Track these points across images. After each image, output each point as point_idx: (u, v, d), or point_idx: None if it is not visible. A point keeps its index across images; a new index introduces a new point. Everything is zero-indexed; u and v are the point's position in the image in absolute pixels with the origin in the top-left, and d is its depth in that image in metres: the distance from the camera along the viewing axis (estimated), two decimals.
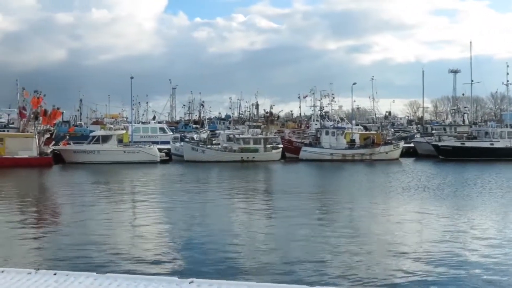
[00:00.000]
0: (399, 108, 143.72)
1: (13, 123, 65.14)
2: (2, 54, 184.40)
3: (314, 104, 76.72)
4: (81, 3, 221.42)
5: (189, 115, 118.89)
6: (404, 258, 15.36)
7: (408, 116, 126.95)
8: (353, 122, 79.11)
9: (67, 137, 58.64)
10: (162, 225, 21.11)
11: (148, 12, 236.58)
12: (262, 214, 23.56)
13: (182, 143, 58.51)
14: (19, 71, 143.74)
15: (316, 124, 73.92)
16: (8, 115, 77.29)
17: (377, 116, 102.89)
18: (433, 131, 78.03)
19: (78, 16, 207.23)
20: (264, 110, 79.15)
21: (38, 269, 9.19)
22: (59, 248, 16.76)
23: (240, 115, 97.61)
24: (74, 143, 56.39)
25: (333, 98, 71.04)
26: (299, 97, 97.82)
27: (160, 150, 55.67)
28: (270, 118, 66.43)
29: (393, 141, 62.03)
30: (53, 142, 53.50)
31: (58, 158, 52.29)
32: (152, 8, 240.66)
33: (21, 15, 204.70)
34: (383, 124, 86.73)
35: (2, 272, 9.40)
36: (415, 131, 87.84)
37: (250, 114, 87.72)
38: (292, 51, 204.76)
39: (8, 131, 57.64)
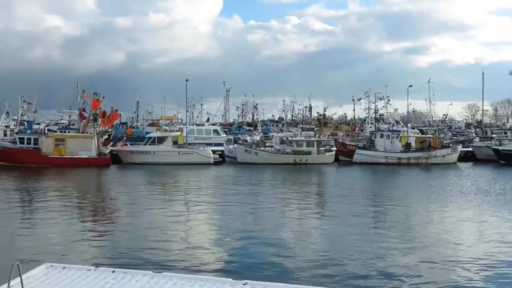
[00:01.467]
0: (457, 111, 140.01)
1: (73, 124, 67.32)
2: (64, 57, 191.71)
3: (368, 107, 75.75)
4: (140, 8, 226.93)
5: (242, 117, 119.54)
6: (463, 265, 14.91)
7: (466, 120, 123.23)
8: (409, 125, 77.54)
9: (125, 138, 60.07)
10: (216, 226, 21.31)
11: (204, 16, 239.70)
12: (315, 218, 23.42)
13: (235, 145, 58.88)
14: (80, 74, 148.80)
15: (370, 127, 72.88)
16: (69, 116, 79.92)
17: (433, 119, 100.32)
18: (493, 135, 75.36)
19: (136, 20, 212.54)
20: (318, 112, 78.82)
21: (97, 266, 9.42)
22: (117, 246, 17.22)
23: (293, 118, 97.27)
24: (131, 144, 57.74)
25: (388, 100, 69.88)
26: (353, 100, 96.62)
27: (213, 151, 56.20)
28: (323, 121, 66.10)
29: (451, 145, 60.37)
30: (111, 143, 54.96)
31: (115, 159, 53.66)
32: (207, 12, 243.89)
33: (83, 20, 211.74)
34: (440, 127, 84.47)
35: (64, 268, 9.70)
36: (473, 134, 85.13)
37: (303, 116, 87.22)
38: (346, 53, 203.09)
39: (69, 132, 59.57)
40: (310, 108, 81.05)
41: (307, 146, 56.20)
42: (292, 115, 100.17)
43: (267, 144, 60.07)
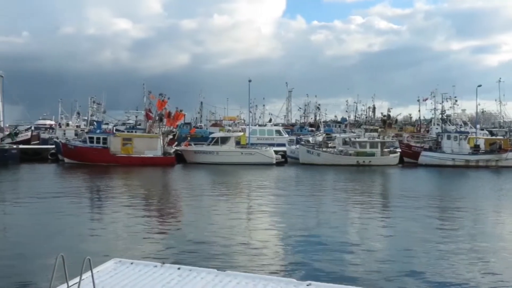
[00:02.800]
0: None
1: (139, 124, 69.15)
2: (131, 59, 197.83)
3: (434, 107, 73.83)
4: (204, 10, 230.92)
5: (304, 118, 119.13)
6: None
7: None
8: (478, 126, 74.83)
9: (189, 138, 61.18)
10: (278, 226, 21.34)
11: (267, 17, 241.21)
12: (379, 221, 23.01)
13: (297, 146, 58.80)
14: (146, 76, 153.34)
15: (436, 128, 70.94)
16: (136, 116, 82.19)
17: (504, 120, 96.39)
18: None
19: (201, 22, 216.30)
20: (382, 113, 77.05)
21: (164, 263, 9.64)
22: (182, 243, 17.57)
23: (356, 118, 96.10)
24: (194, 144, 58.77)
25: (456, 101, 67.79)
26: (418, 100, 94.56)
27: (276, 152, 56.35)
28: (387, 122, 64.62)
29: None
30: (176, 143, 56.15)
31: (180, 158, 54.78)
32: (270, 13, 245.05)
33: (149, 23, 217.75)
34: (511, 128, 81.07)
35: (132, 263, 10.00)
36: None
37: (366, 117, 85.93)
38: (412, 52, 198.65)
39: (135, 132, 61.31)
40: (374, 108, 79.55)
41: (370, 147, 55.36)
42: (355, 116, 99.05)
43: (329, 145, 59.59)
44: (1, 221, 21.86)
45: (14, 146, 55.69)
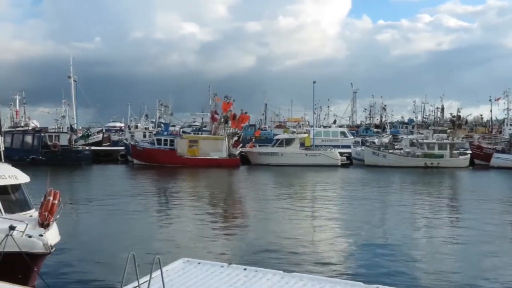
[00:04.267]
0: None
1: (205, 126, 70.23)
2: (198, 62, 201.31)
3: (507, 107, 70.51)
4: (270, 12, 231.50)
5: (370, 119, 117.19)
6: None
7: None
8: None
9: (253, 140, 61.59)
10: (343, 229, 21.12)
11: (332, 17, 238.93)
12: (448, 226, 22.33)
13: (363, 147, 57.99)
14: (212, 78, 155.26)
15: (510, 129, 67.86)
16: (202, 118, 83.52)
17: None
18: None
19: (266, 24, 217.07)
20: (451, 113, 74.84)
21: (230, 263, 9.75)
22: (247, 244, 17.74)
23: (424, 119, 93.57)
24: (259, 146, 59.09)
25: None
26: (490, 100, 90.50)
27: (341, 154, 55.83)
28: (457, 122, 62.75)
29: None
30: (241, 145, 56.66)
31: (244, 160, 55.24)
32: (336, 13, 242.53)
33: (216, 26, 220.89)
34: None
35: (199, 263, 10.19)
36: None
37: (435, 118, 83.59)
38: (483, 50, 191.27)
39: (201, 134, 62.35)
40: (443, 109, 77.39)
41: (439, 149, 53.84)
42: (423, 117, 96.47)
43: (396, 147, 58.44)
44: (74, 220, 22.78)
45: (87, 148, 58.01)
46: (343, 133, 72.50)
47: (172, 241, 18.63)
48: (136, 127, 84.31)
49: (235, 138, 55.83)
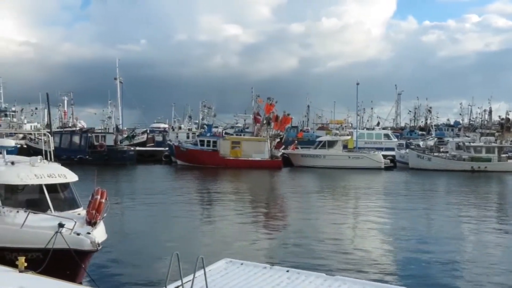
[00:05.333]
0: None
1: (248, 128, 70.54)
2: (241, 64, 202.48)
3: None
4: (313, 13, 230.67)
5: (414, 121, 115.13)
6: None
7: None
8: None
9: (296, 141, 61.44)
10: (387, 233, 20.84)
11: (377, 18, 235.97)
12: (495, 233, 21.59)
13: (407, 150, 57.07)
14: (255, 80, 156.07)
15: None
16: (244, 120, 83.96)
17: None
18: None
19: (309, 25, 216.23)
20: (499, 116, 72.76)
21: (273, 265, 9.77)
22: (290, 246, 17.72)
23: (471, 122, 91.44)
24: (301, 148, 58.91)
25: None
26: None
27: (384, 156, 55.09)
28: (506, 125, 60.89)
29: None
30: (283, 146, 56.62)
31: (287, 161, 55.16)
32: (380, 14, 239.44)
33: (259, 28, 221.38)
34: None
35: (242, 264, 10.26)
36: None
37: (482, 120, 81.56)
38: None
39: (244, 135, 62.61)
40: (490, 111, 75.41)
41: (486, 152, 52.44)
42: (470, 119, 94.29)
43: (441, 150, 57.23)
44: (119, 219, 23.24)
45: (132, 148, 59.16)
46: (386, 136, 71.57)
47: (214, 241, 18.80)
48: (180, 128, 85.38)
49: (278, 140, 55.80)
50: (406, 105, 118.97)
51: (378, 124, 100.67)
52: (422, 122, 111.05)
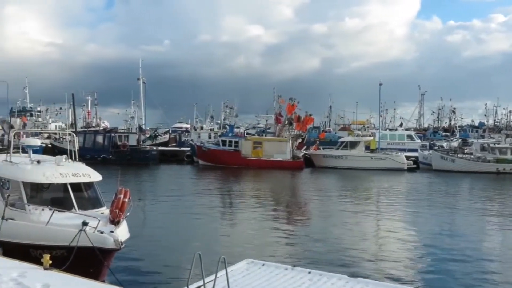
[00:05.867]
0: None
1: (269, 128, 70.49)
2: (263, 64, 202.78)
3: None
4: (336, 14, 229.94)
5: (438, 122, 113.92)
6: None
7: None
8: None
9: (317, 142, 61.25)
10: (408, 235, 20.65)
11: (400, 18, 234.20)
12: None
13: (430, 151, 56.44)
14: (277, 80, 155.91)
15: None
16: (266, 120, 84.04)
17: None
18: None
19: (332, 26, 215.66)
20: None
21: (294, 266, 9.77)
22: (311, 247, 17.66)
23: (496, 123, 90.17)
24: (323, 148, 58.69)
25: None
26: None
27: (407, 157, 54.55)
28: None
29: None
30: (305, 147, 56.47)
31: (308, 162, 54.99)
32: (404, 14, 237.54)
33: (281, 28, 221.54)
34: None
35: (263, 265, 10.28)
36: None
37: (507, 121, 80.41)
38: None
39: (265, 136, 62.60)
40: None
41: None
42: (495, 120, 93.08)
43: (465, 151, 56.46)
44: (141, 218, 23.42)
45: (154, 148, 59.59)
46: (409, 137, 70.88)
47: (235, 241, 18.84)
48: (202, 128, 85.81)
49: (299, 140, 55.68)
50: (430, 106, 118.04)
51: (401, 125, 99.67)
52: (446, 123, 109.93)
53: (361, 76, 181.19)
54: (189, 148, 62.29)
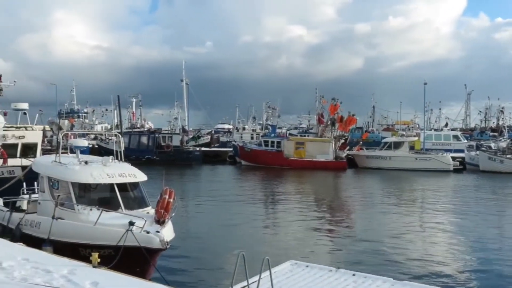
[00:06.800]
0: None
1: (311, 129, 70.31)
2: (305, 65, 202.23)
3: None
4: (379, 13, 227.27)
5: (485, 122, 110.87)
6: None
7: None
8: None
9: (361, 142, 60.64)
10: (454, 239, 20.17)
11: (446, 16, 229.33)
12: None
13: (477, 152, 54.98)
14: (319, 81, 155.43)
15: None
16: (308, 121, 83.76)
17: None
18: None
19: (375, 25, 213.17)
20: None
21: (339, 268, 9.70)
22: (354, 249, 17.51)
23: None
24: (366, 149, 58.07)
25: None
26: None
27: (453, 158, 53.35)
28: None
29: None
30: (348, 147, 55.98)
31: (351, 163, 54.51)
32: (450, 12, 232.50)
33: (323, 28, 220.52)
34: None
35: (307, 266, 10.26)
36: None
37: None
38: None
39: (308, 136, 62.40)
40: None
41: None
42: None
43: None
44: (185, 218, 23.69)
45: (197, 148, 60.26)
46: (456, 137, 69.28)
47: (278, 242, 18.85)
48: (244, 128, 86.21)
49: (342, 141, 55.21)
50: (476, 105, 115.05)
51: (446, 125, 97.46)
52: (493, 123, 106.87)
53: (405, 75, 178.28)
54: (231, 149, 62.73)
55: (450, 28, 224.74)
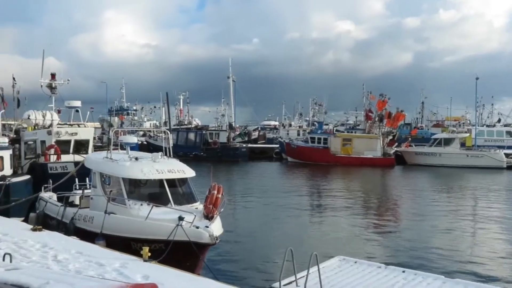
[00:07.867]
0: None
1: (359, 125, 69.37)
2: (353, 61, 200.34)
3: None
4: (429, 6, 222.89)
5: None
6: None
7: None
8: None
9: (409, 139, 59.62)
10: (507, 237, 19.58)
11: (500, 8, 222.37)
12: None
13: None
14: (367, 76, 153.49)
15: None
16: (356, 117, 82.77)
17: None
18: None
19: (425, 19, 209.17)
20: None
21: (387, 264, 9.61)
22: (403, 246, 17.27)
23: None
24: (415, 145, 57.05)
25: None
26: None
27: (506, 155, 51.71)
28: None
29: None
30: (396, 144, 55.12)
31: (399, 159, 53.64)
32: (503, 4, 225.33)
33: (371, 23, 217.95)
34: None
35: (355, 262, 10.20)
36: None
37: None
38: None
39: (355, 133, 61.78)
40: None
41: None
42: None
43: None
44: (232, 213, 23.89)
45: (244, 145, 60.58)
46: (509, 133, 67.09)
47: (325, 238, 18.79)
48: (290, 125, 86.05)
49: (390, 137, 54.38)
50: None
51: (499, 120, 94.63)
52: None
53: (456, 70, 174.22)
54: (278, 145, 62.77)
55: (503, 20, 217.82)
